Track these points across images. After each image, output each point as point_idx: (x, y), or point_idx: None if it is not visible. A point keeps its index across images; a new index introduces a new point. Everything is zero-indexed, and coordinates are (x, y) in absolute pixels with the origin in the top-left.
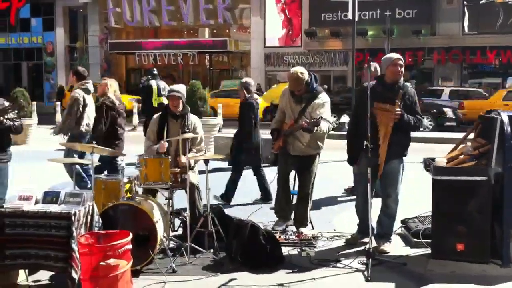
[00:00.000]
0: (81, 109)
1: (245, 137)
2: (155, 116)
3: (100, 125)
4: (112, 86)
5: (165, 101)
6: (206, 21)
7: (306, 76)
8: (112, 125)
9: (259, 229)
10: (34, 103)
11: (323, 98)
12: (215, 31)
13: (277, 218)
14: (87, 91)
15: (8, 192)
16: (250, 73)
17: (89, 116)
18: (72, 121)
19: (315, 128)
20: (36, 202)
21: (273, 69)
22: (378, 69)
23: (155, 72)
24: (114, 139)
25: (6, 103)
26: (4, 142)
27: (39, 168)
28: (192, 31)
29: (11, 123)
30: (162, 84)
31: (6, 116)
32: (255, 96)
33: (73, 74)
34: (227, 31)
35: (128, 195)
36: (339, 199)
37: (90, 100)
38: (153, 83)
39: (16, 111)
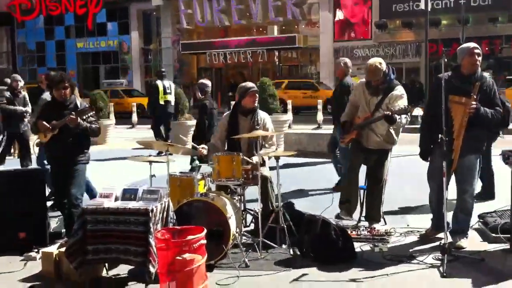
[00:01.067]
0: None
1: (200, 138)
2: (225, 114)
3: None
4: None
5: (170, 98)
6: (275, 18)
7: (384, 67)
8: None
9: (330, 224)
10: (112, 104)
11: (401, 90)
12: (284, 27)
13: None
14: None
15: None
16: (319, 68)
17: None
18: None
19: (399, 118)
20: (116, 199)
21: None
22: (349, 64)
23: (164, 73)
24: None
25: (87, 105)
26: (83, 144)
27: (118, 166)
28: (261, 29)
29: (88, 125)
30: (167, 83)
31: (84, 117)
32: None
33: (46, 79)
34: (296, 27)
35: (203, 191)
36: (412, 194)
37: None
38: (159, 82)
39: (94, 113)
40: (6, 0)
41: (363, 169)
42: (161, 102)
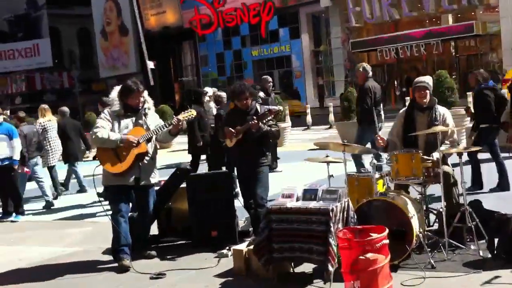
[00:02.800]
0: None
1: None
2: (402, 110)
3: None
4: None
5: None
6: (448, 6)
7: None
8: None
9: None
10: (287, 107)
11: None
12: (459, 15)
13: None
14: None
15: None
16: (502, 56)
17: None
18: None
19: None
20: (297, 199)
21: None
22: (368, 68)
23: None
24: None
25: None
26: (264, 147)
27: (296, 167)
28: (434, 19)
29: (269, 128)
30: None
31: (264, 121)
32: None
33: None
34: (473, 13)
35: (382, 190)
36: None
37: None
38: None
39: (273, 117)
40: (189, 16)
41: None
42: None
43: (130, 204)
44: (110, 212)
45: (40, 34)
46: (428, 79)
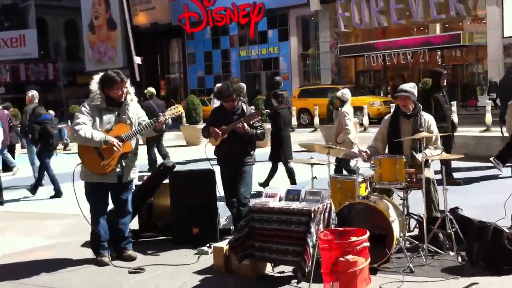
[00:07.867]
0: None
1: None
2: (386, 116)
3: None
4: None
5: None
6: (437, 15)
7: None
8: None
9: (503, 233)
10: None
11: None
12: (447, 25)
13: None
14: None
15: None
16: (487, 67)
17: None
18: None
19: None
20: (280, 199)
21: None
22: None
23: None
24: None
25: (253, 111)
26: (249, 147)
27: (280, 168)
28: (422, 28)
29: (254, 131)
30: None
31: (250, 123)
32: None
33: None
34: (460, 24)
35: (364, 194)
36: None
37: None
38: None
39: (260, 118)
40: (178, 14)
41: None
42: None
43: (109, 200)
44: (83, 208)
45: (27, 24)
46: (411, 87)
